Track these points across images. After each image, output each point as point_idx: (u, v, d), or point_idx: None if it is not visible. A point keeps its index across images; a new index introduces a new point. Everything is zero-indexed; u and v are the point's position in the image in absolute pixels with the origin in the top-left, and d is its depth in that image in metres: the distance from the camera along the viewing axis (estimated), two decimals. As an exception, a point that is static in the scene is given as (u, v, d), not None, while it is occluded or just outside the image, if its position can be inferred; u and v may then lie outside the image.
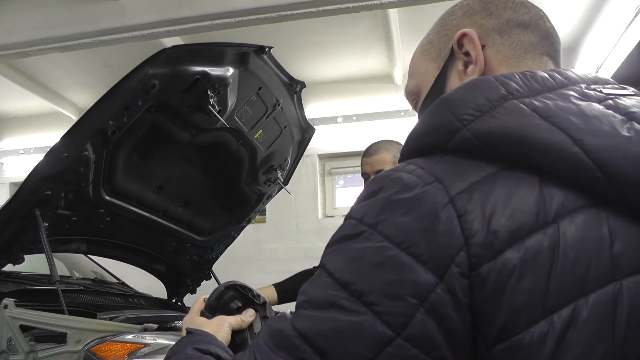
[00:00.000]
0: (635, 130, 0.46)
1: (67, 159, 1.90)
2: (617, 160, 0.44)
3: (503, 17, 0.65)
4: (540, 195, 0.45)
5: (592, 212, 0.45)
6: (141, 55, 1.87)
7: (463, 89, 0.52)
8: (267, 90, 2.30)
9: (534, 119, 0.47)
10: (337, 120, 4.64)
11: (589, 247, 0.43)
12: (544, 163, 0.46)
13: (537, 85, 0.52)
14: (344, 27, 3.88)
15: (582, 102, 0.49)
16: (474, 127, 0.48)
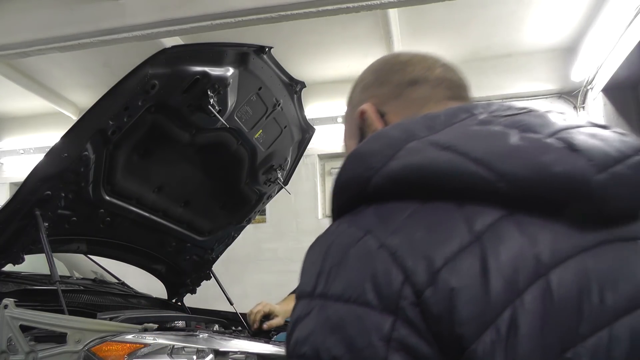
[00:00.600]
0: (525, 138, 0.51)
1: (67, 159, 1.90)
2: (512, 168, 0.49)
3: (393, 82, 0.70)
4: (460, 218, 0.49)
5: (510, 220, 0.48)
6: (141, 55, 1.87)
7: (370, 141, 0.57)
8: (267, 90, 2.30)
9: (435, 152, 0.51)
10: (337, 120, 4.64)
11: (513, 252, 0.46)
12: (454, 189, 0.50)
13: (438, 124, 0.56)
14: (344, 27, 3.89)
15: (479, 127, 0.54)
16: (383, 172, 0.52)
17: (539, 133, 0.52)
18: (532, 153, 0.49)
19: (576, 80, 4.22)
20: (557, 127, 0.53)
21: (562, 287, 0.45)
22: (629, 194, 0.50)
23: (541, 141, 0.51)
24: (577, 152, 0.49)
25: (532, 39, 4.18)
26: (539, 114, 0.57)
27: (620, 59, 3.51)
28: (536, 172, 0.48)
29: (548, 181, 0.48)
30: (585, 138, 0.52)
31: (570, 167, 0.48)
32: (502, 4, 3.71)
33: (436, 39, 4.17)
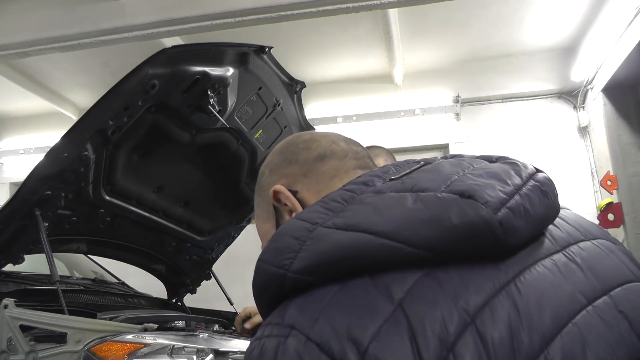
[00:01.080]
0: (419, 199, 0.53)
1: (67, 159, 1.90)
2: (415, 231, 0.51)
3: (300, 160, 0.73)
4: (377, 292, 0.49)
5: (427, 279, 0.50)
6: (141, 55, 1.87)
7: (272, 241, 0.58)
8: (267, 90, 2.30)
9: (338, 234, 0.53)
10: (337, 120, 4.64)
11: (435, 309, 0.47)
12: (365, 264, 0.51)
13: (337, 204, 0.57)
14: (344, 28, 3.89)
15: (376, 199, 0.56)
16: (295, 267, 0.53)
17: (430, 189, 0.54)
18: (429, 212, 0.51)
19: (576, 80, 4.22)
20: (447, 178, 0.56)
21: (492, 329, 0.46)
22: (526, 223, 0.54)
23: (435, 197, 0.53)
24: (470, 198, 0.52)
25: (532, 39, 4.18)
26: (430, 168, 0.60)
27: (620, 59, 3.51)
28: (438, 229, 0.50)
29: (451, 234, 0.50)
30: (476, 181, 0.54)
31: (467, 215, 0.51)
32: (502, 4, 3.71)
33: (436, 39, 4.17)
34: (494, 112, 4.51)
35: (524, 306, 0.49)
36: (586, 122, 4.26)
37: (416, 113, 4.58)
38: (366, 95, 4.68)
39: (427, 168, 0.60)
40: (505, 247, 0.52)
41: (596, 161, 4.20)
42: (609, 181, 3.83)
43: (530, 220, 0.55)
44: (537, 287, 0.51)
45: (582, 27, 3.94)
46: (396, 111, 4.59)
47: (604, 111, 3.95)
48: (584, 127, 4.28)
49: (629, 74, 3.66)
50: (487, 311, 0.48)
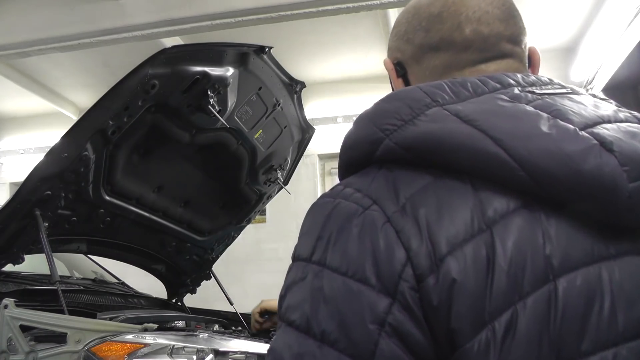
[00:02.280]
0: (557, 126, 0.46)
1: (67, 159, 1.90)
2: (536, 158, 0.45)
3: (416, 43, 0.63)
4: (474, 202, 0.46)
5: (525, 214, 0.45)
6: (141, 55, 1.87)
7: (384, 101, 0.52)
8: (267, 90, 2.30)
9: (455, 124, 0.47)
10: (337, 120, 4.64)
11: (523, 250, 0.44)
12: (471, 167, 0.47)
13: (465, 91, 0.51)
14: (344, 27, 3.89)
15: (507, 104, 0.49)
16: (396, 135, 0.49)
17: (573, 123, 0.47)
18: (560, 145, 0.45)
19: (576, 80, 4.22)
20: (594, 118, 0.49)
21: (571, 296, 0.43)
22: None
23: (573, 133, 0.46)
24: (610, 152, 0.45)
25: (532, 39, 4.17)
26: (577, 99, 0.53)
27: (620, 59, 3.51)
28: (562, 167, 0.44)
29: (573, 179, 0.44)
30: (623, 137, 0.47)
31: (600, 168, 0.44)
32: (502, 4, 3.71)
33: (436, 39, 4.17)
34: (494, 112, 4.51)
35: (614, 291, 0.44)
36: (586, 122, 4.26)
37: (416, 113, 4.59)
38: (366, 95, 4.68)
39: (576, 98, 0.53)
40: (622, 221, 0.46)
41: (596, 161, 4.20)
42: (609, 181, 3.83)
43: None
44: (633, 280, 0.45)
45: (582, 27, 3.94)
46: (396, 111, 4.60)
47: (604, 111, 3.94)
48: (584, 127, 4.29)
49: (629, 74, 3.66)
50: (573, 276, 0.43)
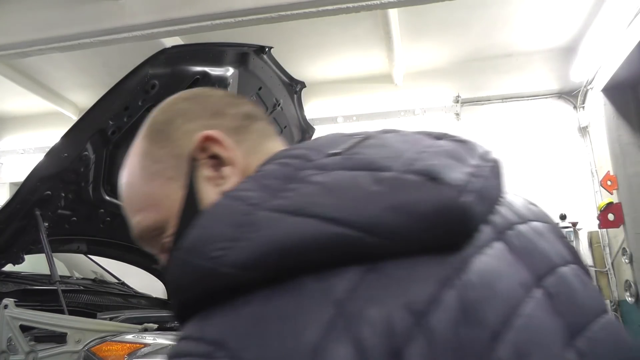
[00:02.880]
0: (382, 181, 0.45)
1: (67, 159, 1.90)
2: (378, 218, 0.43)
3: (229, 114, 0.61)
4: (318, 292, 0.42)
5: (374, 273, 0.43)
6: (141, 55, 1.87)
7: (197, 227, 0.47)
8: (267, 90, 2.30)
9: (287, 220, 0.44)
10: (337, 120, 4.64)
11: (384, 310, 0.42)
12: (313, 259, 0.43)
13: (273, 181, 0.48)
14: (344, 28, 3.89)
15: (324, 177, 0.47)
16: (231, 259, 0.43)
17: (391, 169, 0.47)
18: (396, 197, 0.44)
19: (576, 80, 4.22)
20: (406, 155, 0.49)
21: (443, 329, 0.41)
22: (485, 207, 0.49)
23: (397, 179, 0.46)
24: (436, 181, 0.45)
25: (532, 39, 4.18)
26: (377, 143, 0.52)
27: (620, 59, 3.51)
28: (408, 217, 0.44)
29: (423, 222, 0.44)
30: (438, 160, 0.48)
31: (438, 200, 0.45)
32: (502, 4, 3.71)
33: (436, 39, 4.17)
34: (494, 112, 4.51)
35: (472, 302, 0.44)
36: (586, 122, 4.26)
37: (416, 113, 4.58)
38: (366, 95, 4.68)
39: (374, 143, 0.52)
40: (467, 234, 0.47)
41: (596, 161, 4.19)
42: (609, 181, 3.83)
43: (487, 204, 0.50)
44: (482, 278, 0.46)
45: (582, 27, 3.94)
46: (396, 111, 4.59)
47: (604, 111, 3.94)
48: (584, 127, 4.28)
49: (629, 74, 3.66)
50: (438, 310, 0.42)
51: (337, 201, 0.44)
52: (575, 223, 4.04)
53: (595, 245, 4.05)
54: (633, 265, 3.63)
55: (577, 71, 4.14)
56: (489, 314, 0.44)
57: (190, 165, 0.57)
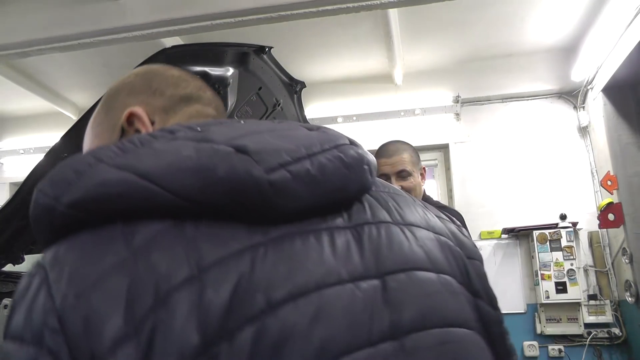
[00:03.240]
0: (197, 148, 0.51)
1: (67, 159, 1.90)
2: (178, 178, 0.49)
3: (166, 94, 0.71)
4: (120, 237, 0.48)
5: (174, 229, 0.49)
6: (141, 55, 1.87)
7: (53, 171, 0.54)
8: (267, 90, 2.30)
9: (109, 173, 0.50)
10: (337, 120, 4.64)
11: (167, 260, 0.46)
12: (124, 208, 0.49)
13: (130, 145, 0.54)
14: (344, 28, 3.89)
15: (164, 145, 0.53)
16: (64, 199, 0.50)
17: (213, 142, 0.52)
18: (198, 161, 0.50)
19: (576, 80, 4.22)
20: (239, 134, 0.54)
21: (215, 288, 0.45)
22: (309, 189, 0.52)
23: (211, 148, 0.51)
24: (244, 153, 0.51)
25: (532, 39, 4.18)
26: (235, 124, 0.58)
27: (620, 59, 3.51)
28: (201, 180, 0.49)
29: (214, 187, 0.49)
30: (263, 139, 0.53)
31: (235, 170, 0.49)
32: (503, 4, 3.71)
33: (436, 39, 4.17)
34: (494, 112, 4.51)
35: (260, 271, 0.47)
36: (586, 122, 4.26)
37: (416, 113, 4.58)
38: (366, 95, 4.68)
39: (235, 123, 0.58)
40: (276, 210, 0.51)
41: (596, 161, 4.20)
42: (609, 181, 3.83)
43: (317, 188, 0.53)
44: (288, 256, 0.49)
45: (582, 27, 3.94)
46: (396, 111, 4.59)
47: (604, 111, 3.95)
48: (584, 127, 4.28)
49: (629, 74, 3.66)
50: (218, 269, 0.46)
51: (154, 162, 0.51)
52: (575, 223, 4.04)
53: (595, 245, 4.05)
54: (633, 265, 3.63)
55: (577, 71, 4.14)
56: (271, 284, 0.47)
57: (119, 132, 0.69)
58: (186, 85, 0.73)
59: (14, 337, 0.47)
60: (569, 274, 3.90)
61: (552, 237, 3.98)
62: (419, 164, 2.12)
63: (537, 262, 3.96)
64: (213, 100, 0.75)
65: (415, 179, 2.05)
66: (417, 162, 2.11)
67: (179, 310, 0.44)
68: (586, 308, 3.90)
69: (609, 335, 3.82)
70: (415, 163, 2.09)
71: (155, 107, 0.70)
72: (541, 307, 3.95)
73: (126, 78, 0.74)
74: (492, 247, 4.19)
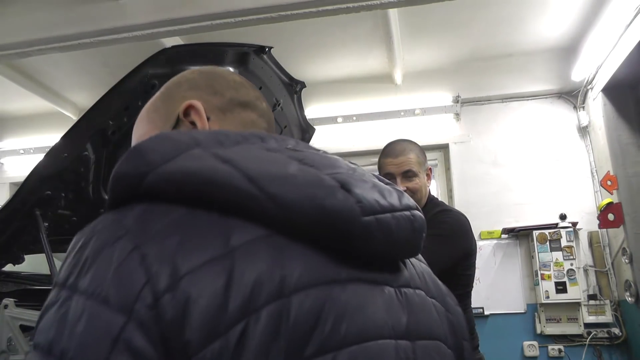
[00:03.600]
0: (303, 170, 0.54)
1: (67, 159, 1.90)
2: (283, 192, 0.51)
3: (226, 96, 0.74)
4: (219, 230, 0.50)
5: (269, 241, 0.51)
6: (141, 55, 1.87)
7: (154, 139, 0.56)
8: (267, 90, 2.30)
9: (213, 162, 0.52)
10: (337, 120, 4.64)
11: (260, 269, 0.49)
12: (224, 201, 0.51)
13: (225, 138, 0.58)
14: (344, 28, 3.89)
15: (264, 153, 0.57)
16: (159, 170, 0.52)
17: (317, 168, 0.55)
18: (305, 182, 0.52)
19: (576, 80, 4.22)
20: (338, 168, 0.57)
21: (300, 311, 0.48)
22: (386, 241, 0.55)
23: (317, 175, 0.54)
24: (349, 192, 0.53)
25: (532, 39, 4.18)
26: (322, 154, 0.61)
27: (620, 59, 3.51)
28: (306, 201, 0.51)
29: (315, 212, 0.51)
30: (362, 184, 0.56)
31: (340, 204, 0.52)
32: (502, 4, 3.71)
33: (436, 39, 4.17)
34: (494, 112, 4.51)
35: (338, 308, 0.50)
36: (586, 122, 4.26)
37: (416, 113, 4.58)
38: (366, 95, 4.68)
39: (321, 153, 0.62)
40: (356, 250, 0.54)
41: (596, 161, 4.20)
42: (609, 181, 3.83)
43: (391, 243, 0.56)
44: (359, 301, 0.53)
45: (582, 27, 3.94)
46: (396, 111, 4.59)
47: (604, 111, 3.94)
48: (584, 127, 4.28)
49: (629, 74, 3.66)
50: (303, 294, 0.49)
51: (261, 168, 0.53)
52: (575, 223, 4.04)
53: (595, 245, 4.05)
54: (633, 265, 3.63)
55: (577, 71, 4.14)
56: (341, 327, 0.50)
57: (174, 121, 0.71)
58: (246, 93, 0.76)
59: (92, 293, 0.47)
60: (568, 274, 3.90)
61: (552, 237, 3.98)
62: (425, 165, 2.10)
63: (537, 262, 3.96)
64: (267, 113, 0.78)
65: (421, 180, 2.03)
66: (424, 162, 2.09)
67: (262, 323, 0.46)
68: (586, 308, 3.90)
69: (608, 335, 3.82)
70: (422, 163, 2.07)
71: (213, 105, 0.72)
72: (541, 307, 3.95)
73: (189, 73, 0.77)
74: (492, 247, 4.19)
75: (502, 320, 4.05)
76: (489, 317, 4.05)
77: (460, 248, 1.94)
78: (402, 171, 1.99)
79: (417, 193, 2.01)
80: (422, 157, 2.10)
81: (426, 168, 2.10)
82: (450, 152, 4.49)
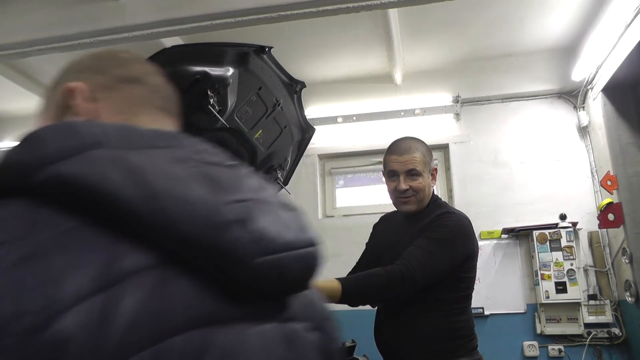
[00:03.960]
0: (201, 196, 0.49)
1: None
2: (177, 220, 0.46)
3: (112, 74, 0.71)
4: (103, 256, 0.44)
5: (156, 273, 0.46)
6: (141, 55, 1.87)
7: (58, 128, 0.50)
8: (267, 90, 2.30)
9: (109, 169, 0.46)
10: (337, 120, 4.64)
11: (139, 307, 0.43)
12: (114, 216, 0.46)
13: (137, 139, 0.53)
14: (344, 28, 3.89)
15: (170, 165, 0.51)
16: (51, 169, 0.46)
17: (222, 190, 0.51)
18: (202, 215, 0.48)
19: (576, 80, 4.22)
20: (242, 193, 0.53)
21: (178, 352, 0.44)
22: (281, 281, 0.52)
23: (216, 206, 0.49)
24: (247, 227, 0.50)
25: (532, 39, 4.18)
26: (233, 171, 0.57)
27: (620, 59, 3.51)
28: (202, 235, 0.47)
29: (207, 248, 0.48)
30: (265, 215, 0.52)
31: (231, 244, 0.48)
32: (502, 4, 3.71)
33: (436, 39, 4.17)
34: (494, 112, 4.51)
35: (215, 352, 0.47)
36: (586, 122, 4.26)
37: (416, 113, 4.58)
38: (366, 95, 4.68)
39: (228, 167, 0.58)
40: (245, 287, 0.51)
41: (596, 161, 4.20)
42: (609, 181, 3.83)
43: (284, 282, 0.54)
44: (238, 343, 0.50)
45: (582, 27, 3.94)
46: (396, 111, 4.59)
47: (604, 111, 3.95)
48: (584, 127, 4.28)
49: (629, 74, 3.66)
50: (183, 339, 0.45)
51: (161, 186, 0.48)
52: (575, 223, 4.04)
53: (595, 245, 4.05)
54: (633, 265, 3.63)
55: (577, 71, 4.14)
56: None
57: (62, 107, 0.68)
58: (134, 68, 0.73)
59: None
60: (568, 274, 3.90)
61: (552, 237, 3.98)
62: (430, 164, 2.08)
63: (537, 262, 3.97)
64: (161, 88, 0.75)
65: (425, 180, 2.02)
66: (429, 162, 2.08)
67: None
68: (586, 308, 3.90)
69: (608, 335, 3.82)
70: (427, 163, 2.05)
71: (98, 84, 0.69)
72: (541, 307, 3.95)
73: (78, 58, 0.75)
74: (492, 247, 4.19)
75: (502, 320, 4.05)
76: (489, 317, 4.05)
77: (461, 252, 1.94)
78: (406, 170, 1.99)
79: (420, 193, 2.01)
80: (428, 156, 2.08)
81: (431, 168, 2.08)
82: (450, 152, 4.49)
